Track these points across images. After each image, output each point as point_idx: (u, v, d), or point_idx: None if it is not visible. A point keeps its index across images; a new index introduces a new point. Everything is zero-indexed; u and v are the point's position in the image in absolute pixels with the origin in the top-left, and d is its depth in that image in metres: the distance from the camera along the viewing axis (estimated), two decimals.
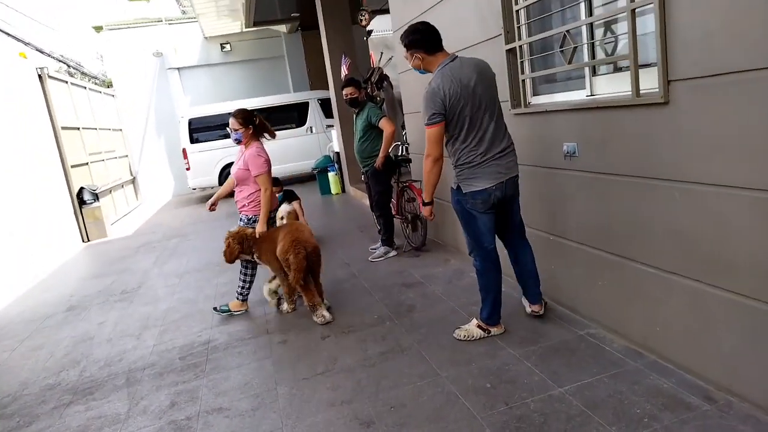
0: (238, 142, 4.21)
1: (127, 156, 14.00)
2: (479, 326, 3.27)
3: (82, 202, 9.44)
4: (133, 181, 14.08)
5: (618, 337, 2.99)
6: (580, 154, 3.05)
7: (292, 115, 12.67)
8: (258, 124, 4.22)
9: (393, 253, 5.38)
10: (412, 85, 5.41)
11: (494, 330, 3.27)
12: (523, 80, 3.60)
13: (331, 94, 9.94)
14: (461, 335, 3.29)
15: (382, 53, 9.69)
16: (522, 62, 3.56)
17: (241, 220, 4.34)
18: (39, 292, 6.34)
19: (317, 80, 14.18)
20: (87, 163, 10.39)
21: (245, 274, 4.38)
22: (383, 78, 9.44)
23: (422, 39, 2.98)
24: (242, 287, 4.40)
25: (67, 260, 8.08)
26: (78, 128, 10.38)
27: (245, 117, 4.15)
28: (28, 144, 8.17)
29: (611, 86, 2.94)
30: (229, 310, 4.40)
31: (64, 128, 9.49)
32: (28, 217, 7.57)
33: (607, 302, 3.06)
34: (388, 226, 5.41)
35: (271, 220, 4.37)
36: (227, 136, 12.67)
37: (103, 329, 4.61)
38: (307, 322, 4.00)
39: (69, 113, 10.06)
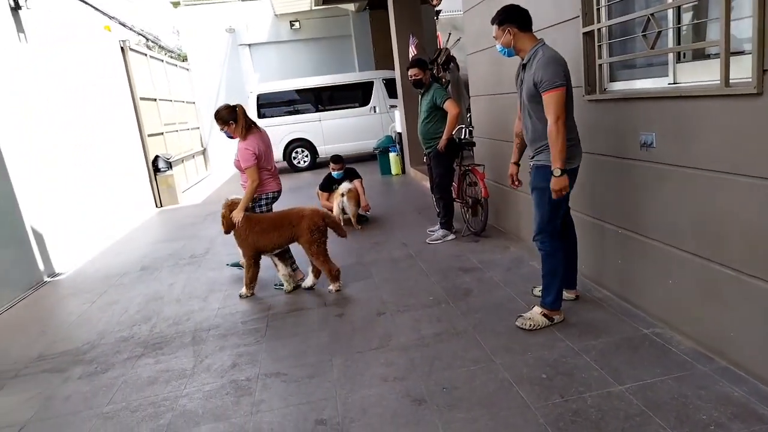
0: (230, 137, 4.49)
1: (198, 128, 14.58)
2: (544, 314, 3.23)
3: (156, 169, 9.96)
4: (204, 152, 14.67)
5: (686, 338, 2.86)
6: (658, 144, 2.91)
7: (357, 94, 12.75)
8: (240, 115, 4.38)
9: (451, 236, 5.36)
10: (481, 67, 5.30)
11: (557, 317, 3.23)
12: (600, 65, 3.44)
13: (397, 74, 9.89)
14: (526, 325, 3.24)
15: (450, 34, 9.54)
16: (600, 46, 3.40)
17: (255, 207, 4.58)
18: (115, 251, 6.79)
19: (383, 60, 14.16)
20: (162, 133, 10.91)
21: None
22: (450, 59, 9.30)
23: (517, 15, 3.07)
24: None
25: (141, 223, 8.58)
26: (155, 99, 10.90)
27: (223, 116, 4.37)
28: (111, 113, 8.67)
29: (696, 74, 2.76)
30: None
31: (142, 99, 9.99)
32: (109, 181, 8.06)
33: (677, 302, 2.92)
34: (447, 209, 5.38)
35: (258, 208, 4.57)
36: (293, 112, 12.97)
37: (172, 290, 4.89)
38: (364, 298, 4.07)
39: (147, 85, 10.57)
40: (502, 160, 5.08)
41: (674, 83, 2.90)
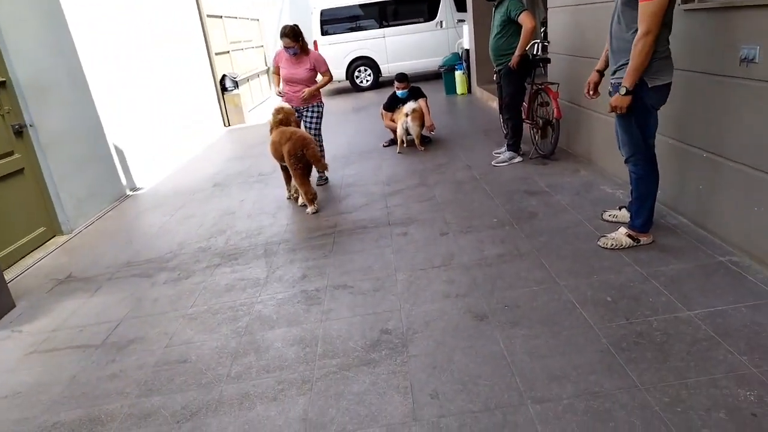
0: (295, 54, 5.12)
1: (262, 46, 14.54)
2: (629, 235, 3.16)
3: (224, 88, 10.14)
4: (268, 71, 14.72)
5: (766, 268, 2.72)
6: (761, 59, 2.62)
7: (422, 8, 12.17)
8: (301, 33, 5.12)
9: (518, 159, 5.21)
10: None
11: (644, 239, 3.16)
12: None
13: None
14: (608, 244, 3.19)
15: None
16: None
17: (310, 111, 5.35)
18: (189, 168, 7.13)
19: None
20: (228, 52, 10.99)
21: None
22: None
23: None
24: None
25: (212, 142, 8.90)
26: (221, 17, 10.88)
27: (295, 34, 5.02)
28: (179, 31, 8.77)
29: None
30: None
31: (209, 16, 10.01)
32: (180, 100, 8.33)
33: (761, 230, 2.75)
34: (516, 130, 5.20)
35: (317, 117, 5.39)
36: (356, 29, 12.61)
37: (243, 206, 5.13)
38: (427, 219, 4.11)
39: (213, 1, 10.53)
40: (578, 79, 4.79)
41: None
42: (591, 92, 3.32)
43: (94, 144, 5.68)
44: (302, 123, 5.36)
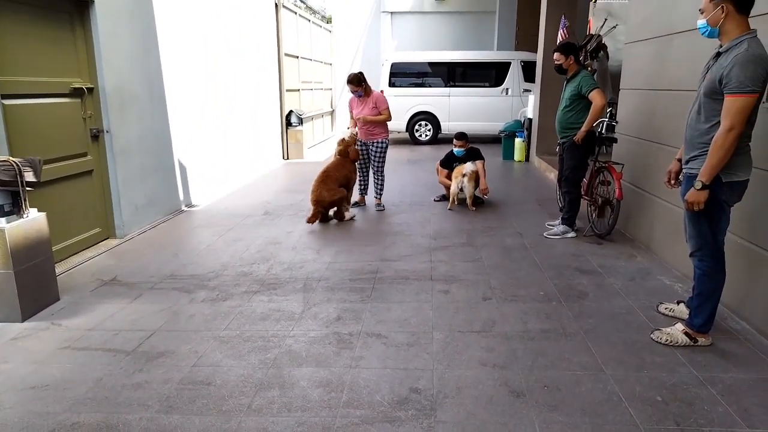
0: (360, 96, 5.97)
1: (331, 89, 15.09)
2: (686, 333, 2.98)
3: (288, 123, 10.50)
4: (332, 113, 15.21)
5: None
6: None
7: (490, 74, 12.40)
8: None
9: (572, 234, 5.08)
10: (640, 59, 4.87)
11: (702, 340, 2.96)
12: None
13: (539, 57, 9.44)
14: (662, 338, 3.01)
15: (606, 20, 8.87)
16: None
17: (374, 147, 6.18)
18: (244, 193, 7.31)
19: (524, 41, 13.60)
20: (298, 90, 11.44)
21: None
22: (600, 47, 8.69)
23: None
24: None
25: (268, 172, 9.15)
26: (297, 57, 11.41)
27: (359, 80, 5.85)
28: (257, 65, 9.22)
29: None
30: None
31: (286, 55, 10.50)
32: (246, 127, 8.66)
33: None
34: (573, 204, 5.09)
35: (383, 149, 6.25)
36: (422, 85, 12.94)
37: (290, 237, 5.18)
38: (471, 280, 4.01)
39: (292, 42, 11.08)
40: (644, 162, 4.70)
41: None
42: (672, 181, 3.16)
43: (160, 156, 5.93)
44: (370, 156, 6.25)
